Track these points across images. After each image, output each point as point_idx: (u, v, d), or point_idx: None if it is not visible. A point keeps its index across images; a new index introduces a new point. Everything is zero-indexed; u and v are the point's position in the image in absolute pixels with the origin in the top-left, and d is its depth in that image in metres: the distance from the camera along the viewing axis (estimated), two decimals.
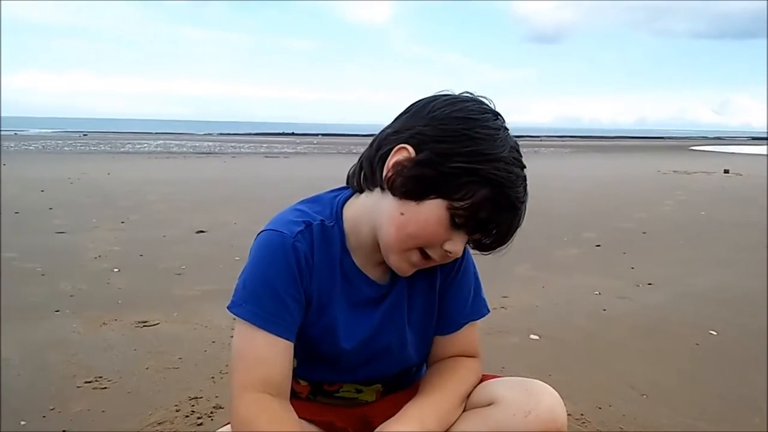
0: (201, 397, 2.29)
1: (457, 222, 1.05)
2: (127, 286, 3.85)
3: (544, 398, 1.14)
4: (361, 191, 1.17)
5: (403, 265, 1.13)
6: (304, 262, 1.12)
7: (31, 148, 22.42)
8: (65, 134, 38.89)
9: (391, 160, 1.07)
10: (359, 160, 1.18)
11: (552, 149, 30.53)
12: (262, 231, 1.15)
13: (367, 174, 1.14)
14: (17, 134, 35.82)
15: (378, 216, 1.12)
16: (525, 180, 1.08)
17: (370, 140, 1.17)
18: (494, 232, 1.08)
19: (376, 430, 1.10)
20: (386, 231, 1.10)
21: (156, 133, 44.63)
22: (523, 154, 1.11)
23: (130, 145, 26.22)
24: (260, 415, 1.06)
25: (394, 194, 1.08)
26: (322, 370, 1.25)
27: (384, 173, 1.08)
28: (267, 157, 20.28)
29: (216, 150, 24.05)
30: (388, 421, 1.11)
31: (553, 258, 4.95)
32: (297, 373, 1.24)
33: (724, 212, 7.81)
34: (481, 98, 1.11)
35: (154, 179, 11.09)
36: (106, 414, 2.15)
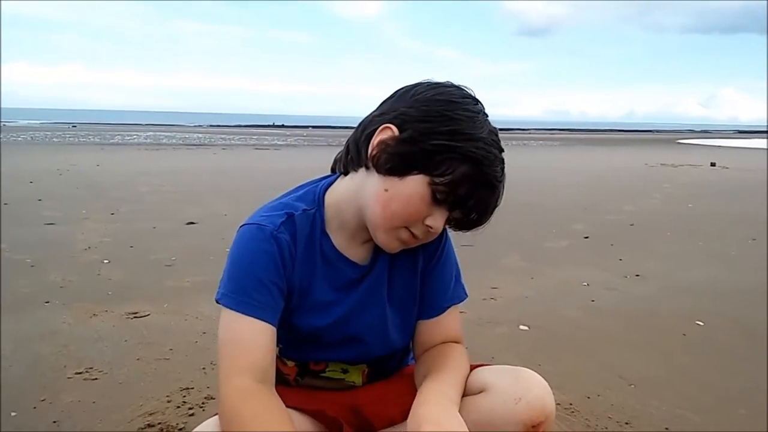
0: (192, 388, 2.29)
1: (438, 198, 1.10)
2: (117, 278, 3.84)
3: (534, 386, 1.16)
4: (346, 174, 1.22)
5: (392, 242, 1.17)
6: (287, 252, 1.15)
7: (19, 139, 22.24)
8: (54, 125, 38.59)
9: (376, 139, 1.12)
10: (346, 143, 1.23)
11: (541, 142, 30.62)
12: (243, 225, 1.18)
13: (352, 155, 1.19)
14: (6, 125, 35.50)
15: (363, 195, 1.16)
16: (503, 162, 1.13)
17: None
18: (473, 209, 1.13)
19: (412, 414, 1.11)
20: (372, 209, 1.14)
21: (146, 125, 44.38)
22: (502, 141, 1.15)
23: (119, 137, 26.06)
24: (245, 402, 1.07)
25: (378, 172, 1.12)
26: (306, 350, 1.28)
27: (369, 152, 1.13)
28: (257, 149, 20.23)
29: (206, 142, 23.95)
30: (415, 404, 1.12)
31: (542, 250, 4.98)
32: (283, 353, 1.28)
33: (710, 205, 7.88)
34: (463, 86, 1.16)
35: (144, 171, 11.04)
36: (97, 405, 2.15)
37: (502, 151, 1.14)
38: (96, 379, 2.37)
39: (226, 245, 4.62)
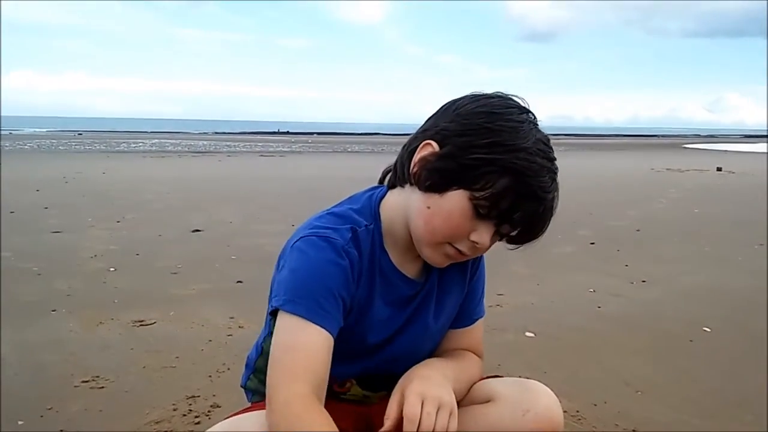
0: (198, 396, 2.30)
1: (480, 212, 1.07)
2: (123, 286, 3.85)
3: (542, 397, 1.16)
4: (394, 188, 1.21)
5: (437, 257, 1.15)
6: (356, 268, 1.13)
7: (26, 147, 22.35)
8: (60, 133, 38.74)
9: (417, 156, 1.11)
10: (395, 161, 1.22)
11: None
12: (303, 236, 1.14)
13: (398, 172, 1.19)
14: (12, 133, 35.66)
15: (409, 211, 1.16)
16: (551, 171, 1.09)
17: (364, 139, 1.19)
18: (520, 222, 1.09)
19: (406, 376, 1.13)
20: (416, 224, 1.14)
21: (151, 132, 44.53)
22: (551, 147, 1.12)
23: (125, 144, 26.15)
24: (308, 411, 1.03)
25: (420, 188, 1.12)
26: (337, 365, 1.21)
27: (411, 168, 1.13)
28: (262, 155, 20.27)
29: (211, 149, 24.02)
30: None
31: (547, 256, 4.96)
32: None
33: (717, 210, 7.85)
34: (511, 96, 1.13)
35: (150, 178, 11.07)
36: (104, 413, 2.16)
37: (553, 160, 1.10)
38: (102, 387, 2.37)
39: (231, 253, 4.66)
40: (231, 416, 1.17)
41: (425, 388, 1.11)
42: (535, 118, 1.12)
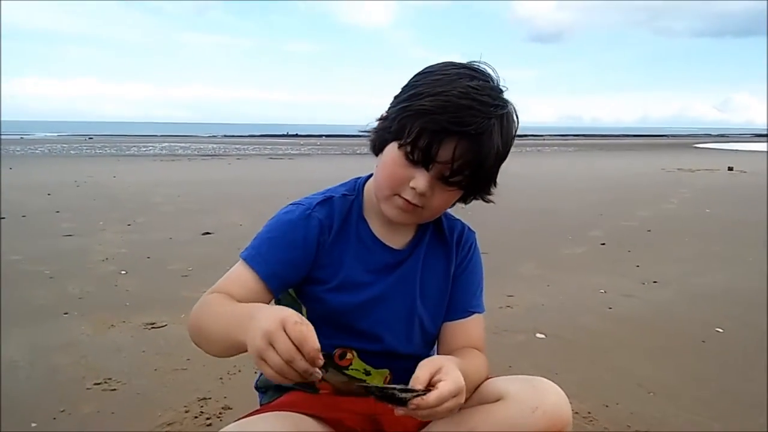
0: (209, 398, 2.30)
1: (410, 158, 1.14)
2: (134, 288, 3.87)
3: (551, 395, 1.16)
4: None
5: (391, 210, 1.22)
6: (317, 229, 1.24)
7: (37, 151, 22.49)
8: (71, 138, 38.97)
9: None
10: None
11: (555, 148, 30.50)
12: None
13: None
14: (23, 138, 35.92)
15: None
16: (476, 110, 1.10)
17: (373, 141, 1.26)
18: (448, 162, 1.12)
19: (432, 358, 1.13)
20: (371, 186, 1.27)
21: (161, 136, 44.70)
22: (486, 93, 1.12)
23: (135, 148, 26.28)
24: (215, 295, 1.20)
25: (376, 155, 1.24)
26: (333, 332, 1.28)
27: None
28: (271, 158, 20.31)
29: (220, 152, 24.09)
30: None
31: (558, 257, 4.95)
32: None
33: (729, 210, 7.80)
34: (476, 64, 1.18)
35: (160, 181, 11.12)
36: (116, 415, 2.17)
37: (485, 102, 1.11)
38: (114, 389, 2.38)
39: None
40: (242, 418, 1.17)
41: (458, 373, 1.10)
42: (491, 80, 1.15)
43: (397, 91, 1.21)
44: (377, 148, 1.23)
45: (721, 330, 3.14)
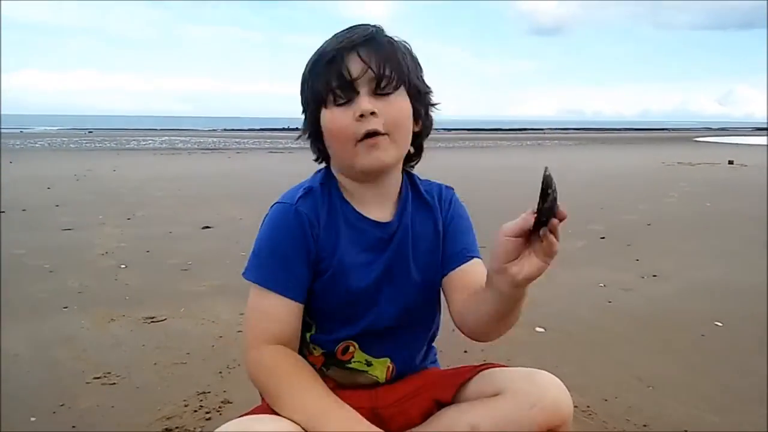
0: (209, 392, 2.31)
1: (340, 100, 1.18)
2: (134, 282, 3.87)
3: (550, 390, 1.16)
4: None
5: (367, 157, 1.20)
6: (307, 224, 1.22)
7: (36, 145, 22.50)
8: (71, 131, 38.97)
9: None
10: None
11: (556, 142, 30.49)
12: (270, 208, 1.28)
13: None
14: (23, 132, 35.90)
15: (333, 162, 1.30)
16: (349, 31, 1.20)
17: None
18: (365, 70, 1.17)
19: None
20: (335, 161, 1.28)
21: (161, 130, 44.65)
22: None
23: (135, 142, 26.27)
24: (284, 360, 1.18)
25: (320, 157, 1.32)
26: (336, 325, 1.29)
27: None
28: (271, 152, 20.30)
29: (220, 146, 24.09)
30: None
31: (557, 250, 4.94)
32: (312, 340, 1.30)
33: (729, 203, 7.79)
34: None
35: (160, 175, 11.12)
36: (115, 409, 2.17)
37: (356, 26, 1.21)
38: (114, 383, 2.39)
39: (241, 249, 4.67)
40: (244, 415, 1.17)
41: None
42: (366, 28, 1.21)
43: None
44: (315, 144, 1.28)
45: (720, 324, 3.14)
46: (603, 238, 5.49)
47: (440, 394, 1.26)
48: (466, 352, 2.61)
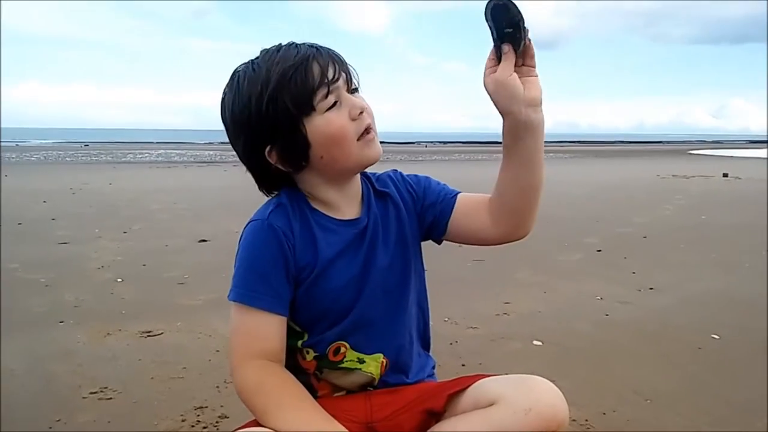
0: (206, 407, 2.30)
1: (322, 106, 1.20)
2: (130, 296, 3.86)
3: (544, 395, 1.16)
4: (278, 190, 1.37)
5: (371, 148, 1.26)
6: (282, 236, 1.25)
7: (32, 158, 22.47)
8: (66, 145, 38.94)
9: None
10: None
11: (551, 155, 30.57)
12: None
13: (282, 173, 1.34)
14: (18, 145, 35.85)
15: (315, 173, 1.28)
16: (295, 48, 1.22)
17: None
18: (337, 74, 1.22)
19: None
20: (334, 164, 1.25)
21: (157, 143, 44.67)
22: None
23: (131, 155, 26.27)
24: (269, 376, 1.20)
25: (297, 168, 1.29)
26: (326, 327, 1.30)
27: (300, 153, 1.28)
28: None
29: (217, 159, 24.08)
30: None
31: (554, 263, 4.95)
32: (304, 346, 1.31)
33: (724, 216, 7.82)
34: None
35: (156, 189, 11.11)
36: (112, 424, 2.16)
37: (301, 50, 1.22)
38: (111, 398, 2.37)
39: None
40: (240, 428, 1.17)
41: None
42: (297, 43, 1.24)
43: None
44: (297, 159, 1.25)
45: (717, 336, 3.14)
46: (599, 251, 5.50)
47: (432, 403, 1.27)
48: (464, 365, 2.61)
